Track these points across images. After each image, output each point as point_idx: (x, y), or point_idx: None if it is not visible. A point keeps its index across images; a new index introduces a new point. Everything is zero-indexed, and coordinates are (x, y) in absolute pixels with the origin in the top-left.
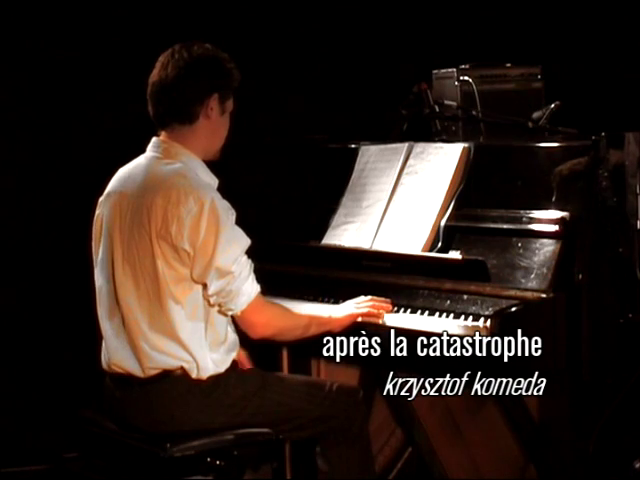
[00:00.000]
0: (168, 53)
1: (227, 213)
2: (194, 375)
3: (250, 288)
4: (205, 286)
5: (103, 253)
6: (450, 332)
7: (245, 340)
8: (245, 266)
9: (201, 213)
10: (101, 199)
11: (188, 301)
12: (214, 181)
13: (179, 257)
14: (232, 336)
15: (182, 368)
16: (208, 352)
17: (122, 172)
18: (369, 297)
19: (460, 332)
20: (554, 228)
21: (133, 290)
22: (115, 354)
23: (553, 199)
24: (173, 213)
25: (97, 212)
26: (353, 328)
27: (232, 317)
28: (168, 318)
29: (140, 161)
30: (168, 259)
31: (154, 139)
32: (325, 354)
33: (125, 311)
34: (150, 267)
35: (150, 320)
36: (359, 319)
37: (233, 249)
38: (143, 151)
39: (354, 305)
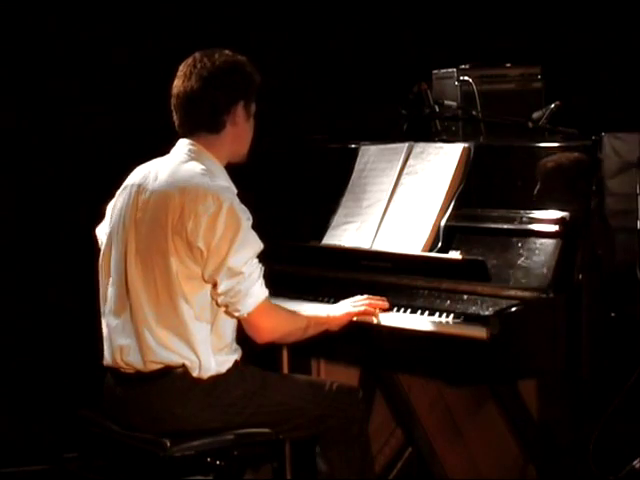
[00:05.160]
0: (189, 62)
1: (244, 217)
2: (195, 374)
3: (259, 291)
4: (215, 285)
5: (116, 245)
6: (450, 332)
7: (245, 340)
8: (256, 269)
9: (219, 213)
10: (118, 192)
11: (197, 300)
12: (233, 188)
13: (192, 255)
14: (235, 342)
15: (184, 366)
16: (213, 352)
17: (143, 167)
18: (365, 296)
19: (460, 332)
20: (554, 228)
21: (143, 284)
22: (119, 344)
23: (553, 199)
24: (191, 209)
25: (112, 204)
26: (354, 328)
27: (238, 322)
28: (177, 315)
29: (164, 159)
30: (181, 256)
31: (182, 140)
32: (325, 354)
33: (134, 302)
34: (163, 263)
35: (158, 315)
36: (355, 318)
37: (246, 251)
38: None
39: (351, 304)
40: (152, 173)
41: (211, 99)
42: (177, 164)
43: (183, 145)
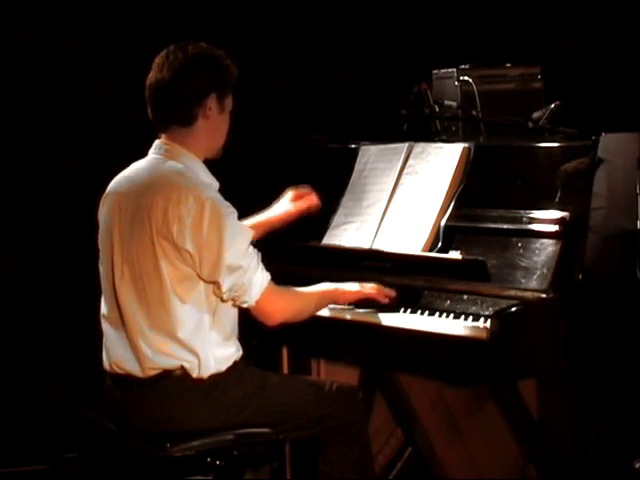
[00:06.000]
0: (163, 54)
1: (227, 211)
2: (195, 374)
3: (261, 277)
4: (216, 284)
5: (103, 254)
6: (450, 332)
7: (245, 337)
8: (253, 257)
9: (202, 212)
10: (101, 202)
11: (192, 299)
12: (215, 183)
13: (181, 257)
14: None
15: (182, 368)
16: (212, 348)
17: (122, 174)
18: (374, 284)
19: (460, 332)
20: (554, 228)
21: (132, 291)
22: (115, 354)
23: (553, 199)
24: (174, 212)
25: (98, 213)
26: (354, 328)
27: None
28: (170, 318)
29: (141, 163)
30: (171, 258)
31: (156, 141)
32: (325, 354)
33: (125, 312)
34: (152, 267)
35: (150, 321)
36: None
37: (239, 243)
38: (145, 154)
39: (360, 285)
40: (131, 179)
41: (182, 90)
42: (155, 166)
43: (158, 146)
